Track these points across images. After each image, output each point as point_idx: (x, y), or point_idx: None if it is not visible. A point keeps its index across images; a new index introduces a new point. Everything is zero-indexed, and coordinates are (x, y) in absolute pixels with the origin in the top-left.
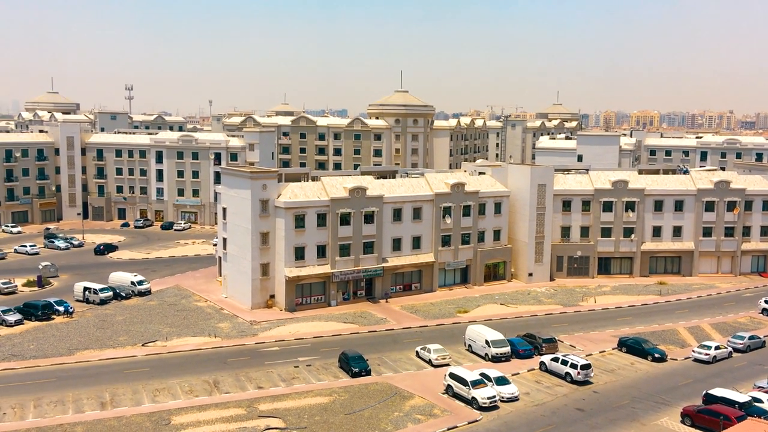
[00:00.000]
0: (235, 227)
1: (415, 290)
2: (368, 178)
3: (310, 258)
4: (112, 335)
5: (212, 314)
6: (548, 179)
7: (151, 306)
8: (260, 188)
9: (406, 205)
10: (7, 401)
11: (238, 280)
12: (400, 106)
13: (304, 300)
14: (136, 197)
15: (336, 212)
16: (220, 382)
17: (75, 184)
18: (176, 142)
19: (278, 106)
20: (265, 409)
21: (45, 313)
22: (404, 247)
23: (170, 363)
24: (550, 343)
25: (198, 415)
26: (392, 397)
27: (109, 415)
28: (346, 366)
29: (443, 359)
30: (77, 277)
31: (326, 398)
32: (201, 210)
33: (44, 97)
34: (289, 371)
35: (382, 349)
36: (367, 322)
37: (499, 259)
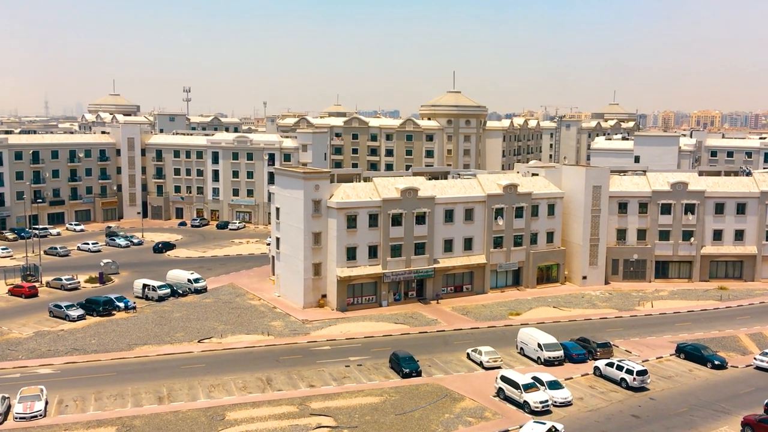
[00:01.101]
0: (288, 227)
1: (467, 292)
2: (420, 179)
3: (362, 258)
4: (170, 331)
5: (265, 313)
6: (604, 181)
7: (206, 303)
8: (313, 189)
9: (457, 206)
10: (70, 394)
11: (291, 280)
12: (453, 106)
13: (355, 300)
14: (193, 197)
15: (387, 213)
16: (273, 380)
17: (135, 183)
18: (231, 143)
19: (331, 107)
20: (317, 408)
21: (106, 309)
22: (456, 248)
23: (225, 360)
24: (605, 347)
25: (251, 411)
26: (443, 398)
27: (166, 409)
28: (396, 366)
29: (494, 362)
30: (137, 274)
31: (377, 398)
32: (255, 210)
33: (106, 100)
34: (340, 370)
35: (433, 350)
36: (417, 323)
37: (552, 261)
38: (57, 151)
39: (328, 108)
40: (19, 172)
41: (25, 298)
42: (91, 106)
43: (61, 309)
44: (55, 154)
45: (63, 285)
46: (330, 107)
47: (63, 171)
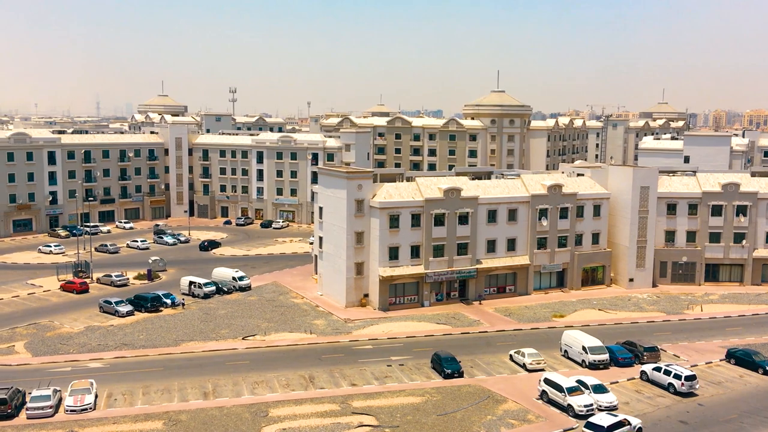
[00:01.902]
0: (331, 226)
1: (509, 293)
2: (463, 179)
3: (404, 258)
4: (215, 328)
5: (308, 311)
6: (652, 181)
7: (251, 301)
8: (356, 188)
9: (501, 207)
10: (118, 388)
11: (333, 279)
12: (496, 106)
13: (397, 300)
14: (238, 196)
15: (430, 213)
16: (316, 378)
17: (182, 182)
18: (276, 143)
19: (374, 107)
20: (359, 406)
21: (154, 305)
22: (499, 248)
23: (268, 357)
24: (652, 351)
25: (294, 408)
26: (485, 400)
27: (211, 404)
28: (438, 367)
29: (538, 364)
30: (183, 271)
31: (418, 398)
32: (298, 209)
33: (155, 100)
34: (382, 370)
35: (475, 351)
36: (460, 323)
37: (597, 263)
38: (108, 150)
39: (372, 108)
40: (72, 171)
41: (76, 293)
42: (141, 106)
43: (110, 305)
44: (106, 154)
45: (113, 281)
46: (373, 107)
47: (113, 170)
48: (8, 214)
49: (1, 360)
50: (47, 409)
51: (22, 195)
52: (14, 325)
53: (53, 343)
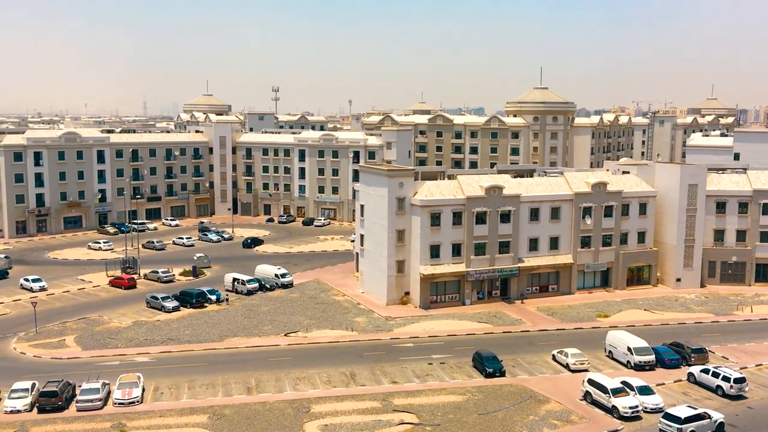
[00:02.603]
0: (372, 224)
1: (552, 292)
2: (505, 177)
3: (445, 256)
4: (258, 324)
5: (349, 308)
6: (700, 179)
7: (293, 298)
8: (397, 186)
9: (543, 205)
10: (165, 382)
11: (375, 276)
12: (539, 103)
13: (438, 298)
14: (280, 194)
15: (472, 211)
16: (357, 375)
17: (226, 181)
18: (318, 141)
19: (415, 105)
20: (400, 404)
21: (199, 301)
22: (541, 247)
23: (310, 353)
24: (700, 353)
25: (336, 405)
26: (527, 400)
27: (255, 399)
28: (479, 366)
29: (581, 364)
30: (227, 268)
31: (459, 397)
32: (340, 207)
33: (200, 100)
34: (423, 368)
35: (517, 350)
36: (501, 322)
37: (643, 262)
38: (155, 149)
39: (413, 106)
40: (120, 170)
41: (124, 289)
42: (186, 106)
43: (157, 300)
44: (153, 153)
45: (159, 277)
46: (414, 105)
47: (160, 168)
48: (59, 211)
49: (52, 353)
50: (96, 402)
51: (73, 193)
52: (65, 320)
53: (102, 337)
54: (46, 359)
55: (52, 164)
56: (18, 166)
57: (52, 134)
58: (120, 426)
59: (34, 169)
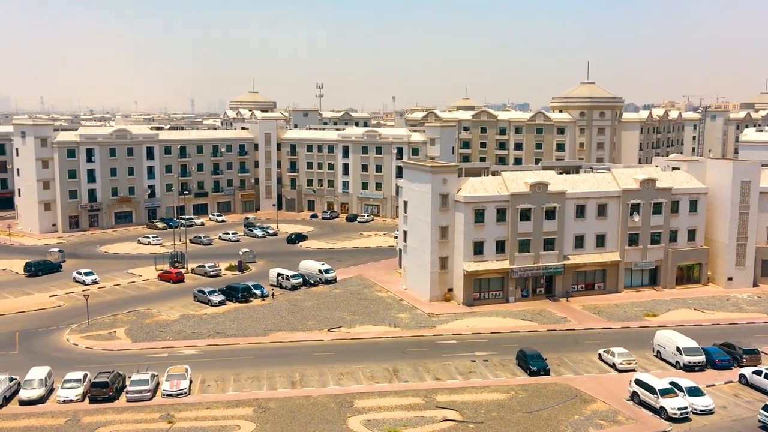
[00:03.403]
0: (416, 220)
1: (598, 290)
2: (550, 173)
3: (489, 253)
4: (302, 319)
5: (392, 305)
6: (754, 175)
7: (336, 294)
8: (440, 182)
9: (590, 202)
10: (211, 374)
11: (418, 273)
12: (586, 98)
13: (481, 295)
14: (324, 190)
15: (516, 207)
16: (400, 371)
17: (271, 177)
18: (361, 138)
19: (459, 101)
20: (443, 401)
21: (244, 296)
22: (587, 244)
23: (353, 349)
24: (752, 354)
25: (378, 400)
26: (572, 399)
27: (299, 393)
28: (523, 364)
29: (628, 364)
30: (272, 263)
31: (503, 395)
32: (383, 203)
33: (246, 97)
34: (466, 365)
35: (562, 349)
36: (546, 320)
37: (693, 260)
38: (202, 146)
39: (457, 102)
40: (168, 166)
41: (172, 283)
42: (232, 103)
43: (204, 294)
44: (200, 149)
45: (206, 272)
46: (458, 101)
47: (207, 165)
48: (110, 206)
49: (103, 345)
50: (146, 393)
51: (123, 188)
52: (116, 312)
53: (151, 329)
54: (97, 350)
55: (104, 161)
56: (71, 163)
57: (104, 131)
58: (168, 417)
59: (87, 165)
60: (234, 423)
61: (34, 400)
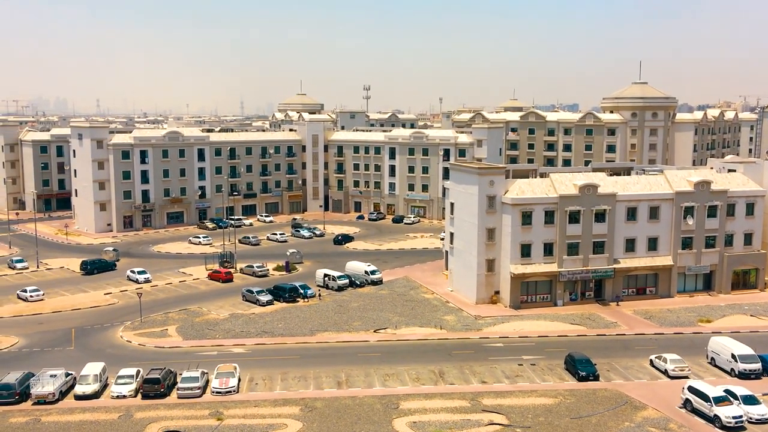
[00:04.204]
0: (462, 222)
1: (650, 294)
2: (600, 175)
3: (537, 255)
4: (348, 320)
5: (438, 306)
6: None
7: (382, 295)
8: (487, 184)
9: (641, 204)
10: (259, 373)
11: (464, 275)
12: (638, 98)
13: (529, 298)
14: (371, 191)
15: (564, 210)
16: (445, 373)
17: (318, 178)
18: (408, 139)
19: (507, 102)
20: (489, 404)
21: (291, 296)
22: (638, 248)
23: (399, 350)
24: None
25: (424, 402)
26: (622, 405)
27: (345, 393)
28: (572, 369)
29: (681, 371)
30: (318, 264)
31: (551, 399)
32: (429, 204)
33: (294, 99)
34: (513, 368)
35: (612, 354)
36: (595, 324)
37: (750, 265)
38: (251, 147)
39: (504, 103)
40: (218, 167)
41: (222, 282)
42: (281, 105)
43: (252, 294)
44: (249, 151)
45: (254, 272)
46: (506, 102)
47: (255, 166)
48: (163, 207)
49: (155, 342)
50: (196, 390)
51: (175, 189)
52: (167, 310)
53: (201, 328)
54: (149, 347)
55: (157, 162)
56: (125, 164)
57: (157, 133)
58: (217, 414)
59: (140, 166)
60: (281, 421)
61: (89, 395)
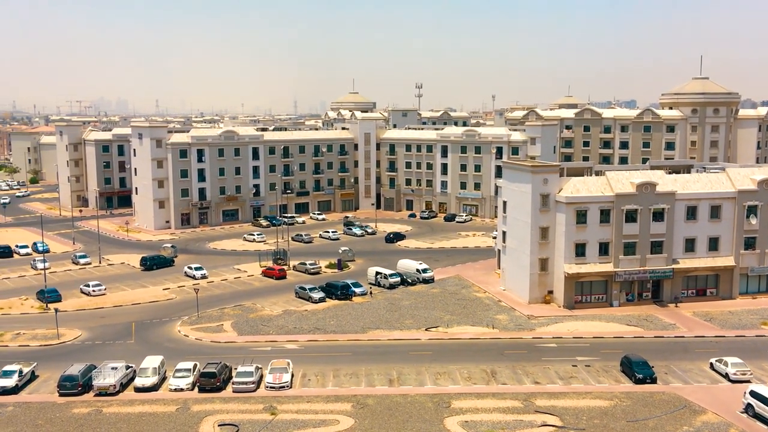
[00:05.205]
0: (515, 221)
1: (710, 296)
2: (658, 173)
3: (591, 255)
4: (399, 318)
5: (490, 305)
6: None
7: (433, 293)
8: (541, 182)
9: (702, 203)
10: (312, 369)
11: (517, 274)
12: (699, 94)
13: (583, 298)
14: (422, 189)
15: (621, 208)
16: (497, 373)
17: (370, 176)
18: (460, 137)
19: (561, 99)
20: (542, 405)
21: (343, 293)
22: (698, 248)
23: (450, 349)
24: None
25: (476, 402)
26: (680, 409)
27: (396, 391)
28: (628, 371)
29: (743, 375)
30: (370, 262)
31: (606, 402)
32: (482, 203)
33: (346, 98)
34: (567, 370)
35: (670, 356)
36: (653, 326)
37: None
38: (304, 146)
39: (559, 100)
40: (272, 166)
41: (275, 279)
42: (333, 104)
43: (305, 291)
44: (302, 149)
45: (307, 269)
46: (561, 99)
47: (308, 164)
48: (219, 204)
49: (211, 337)
50: (250, 385)
51: (230, 187)
52: (223, 306)
53: (255, 324)
54: (206, 342)
55: (213, 160)
56: (183, 163)
57: (213, 133)
58: (271, 409)
59: (197, 165)
60: (333, 417)
61: (148, 387)
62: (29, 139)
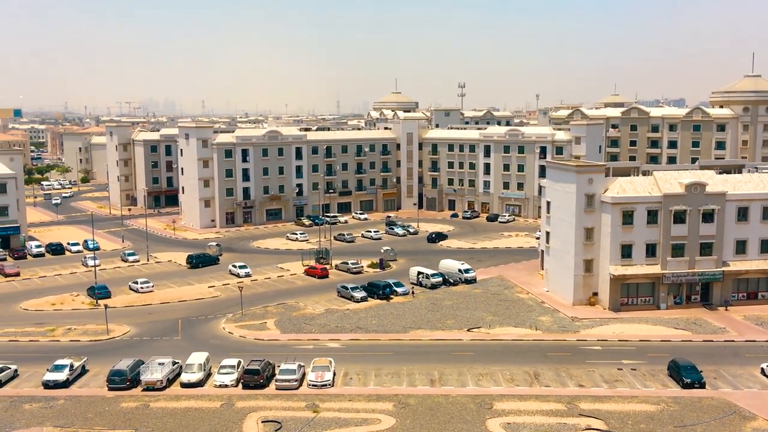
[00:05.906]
0: (559, 221)
1: (762, 299)
2: (708, 173)
3: (638, 256)
4: (441, 318)
5: (533, 307)
6: None
7: (475, 294)
8: (586, 182)
9: (754, 204)
10: (353, 368)
11: (560, 275)
12: (751, 92)
13: (629, 300)
14: (465, 189)
15: (669, 209)
16: (540, 375)
17: (412, 176)
18: (503, 137)
19: (607, 98)
20: (586, 409)
21: (385, 293)
22: (750, 250)
23: (492, 350)
24: None
25: (518, 404)
26: (730, 415)
27: (438, 392)
28: (676, 375)
29: None
30: (412, 262)
31: (653, 406)
32: (525, 203)
33: (389, 98)
34: (612, 373)
35: (719, 361)
36: (701, 330)
37: None
38: (346, 146)
39: (605, 98)
40: (315, 165)
41: (317, 278)
42: (376, 104)
43: (347, 290)
44: (345, 149)
45: (349, 268)
46: (606, 98)
47: (351, 164)
48: (262, 204)
49: (255, 334)
50: (293, 382)
51: (274, 187)
52: (266, 304)
53: (298, 322)
54: (249, 339)
55: (257, 160)
56: (228, 162)
57: (257, 133)
58: (313, 406)
59: (242, 165)
60: (375, 416)
61: (194, 383)
62: (80, 139)
